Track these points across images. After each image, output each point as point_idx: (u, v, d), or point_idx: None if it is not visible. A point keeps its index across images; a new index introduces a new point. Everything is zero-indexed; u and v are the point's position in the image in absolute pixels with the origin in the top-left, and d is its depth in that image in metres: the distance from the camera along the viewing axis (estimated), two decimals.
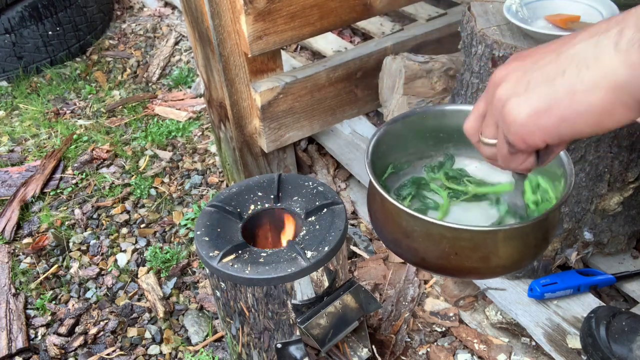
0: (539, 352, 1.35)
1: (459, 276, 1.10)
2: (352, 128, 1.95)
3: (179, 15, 3.18)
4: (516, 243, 0.66)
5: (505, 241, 0.65)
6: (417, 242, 0.67)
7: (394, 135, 0.79)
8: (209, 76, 1.70)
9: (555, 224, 0.71)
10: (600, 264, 1.45)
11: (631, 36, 0.42)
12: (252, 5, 1.45)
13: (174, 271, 1.70)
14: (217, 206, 1.13)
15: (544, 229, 0.68)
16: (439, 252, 0.66)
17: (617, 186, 1.26)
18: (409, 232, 0.67)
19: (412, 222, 0.66)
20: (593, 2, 1.21)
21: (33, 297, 1.68)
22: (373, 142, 0.75)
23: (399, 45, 1.79)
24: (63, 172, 2.14)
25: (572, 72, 0.45)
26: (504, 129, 0.51)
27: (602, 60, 0.44)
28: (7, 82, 2.73)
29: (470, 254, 0.65)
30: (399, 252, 0.72)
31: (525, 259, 0.68)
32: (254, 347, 1.16)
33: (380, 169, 0.81)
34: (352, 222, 1.79)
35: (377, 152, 0.76)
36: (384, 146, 0.78)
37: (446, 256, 0.65)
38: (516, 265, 0.69)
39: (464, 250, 0.65)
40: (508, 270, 0.69)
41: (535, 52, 0.51)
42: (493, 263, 0.66)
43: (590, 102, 0.45)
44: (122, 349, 1.52)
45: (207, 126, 2.32)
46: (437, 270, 0.71)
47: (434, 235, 0.65)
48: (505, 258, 0.66)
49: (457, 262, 0.66)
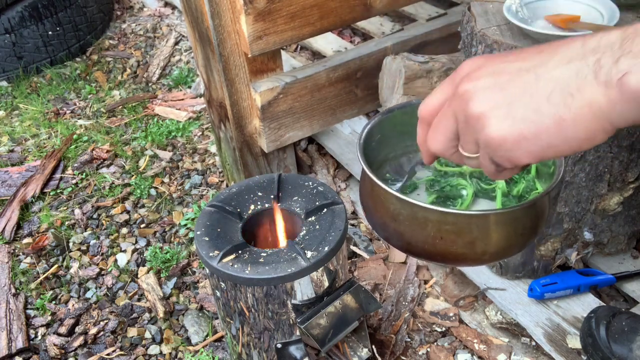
0: (539, 352, 1.35)
1: (445, 262, 1.10)
2: (352, 128, 1.95)
3: (179, 15, 3.18)
4: (502, 229, 0.66)
5: (491, 226, 0.65)
6: (403, 225, 0.67)
7: (389, 125, 0.79)
8: (209, 76, 1.70)
9: (544, 212, 0.70)
10: (600, 264, 1.45)
11: (608, 69, 0.44)
12: (252, 5, 1.45)
13: (174, 271, 1.70)
14: (217, 206, 1.13)
15: (532, 215, 0.68)
16: (424, 236, 0.66)
17: (617, 186, 1.26)
18: (395, 216, 0.67)
19: (398, 205, 0.66)
20: (593, 2, 1.21)
21: (33, 297, 1.68)
22: (367, 129, 0.75)
23: (399, 45, 1.79)
24: (63, 172, 2.14)
25: (557, 100, 0.46)
26: (489, 152, 0.51)
27: (584, 92, 0.45)
28: (7, 82, 2.73)
29: (455, 239, 0.64)
30: (386, 236, 0.72)
31: (512, 247, 0.68)
32: (254, 347, 1.16)
33: (375, 157, 0.81)
34: (352, 222, 1.79)
35: (371, 141, 0.76)
36: (378, 135, 0.78)
37: (432, 241, 0.65)
38: (503, 253, 0.68)
39: (449, 235, 0.64)
40: (495, 258, 0.69)
41: (508, 66, 0.49)
42: (479, 249, 0.65)
43: (577, 130, 0.46)
44: (122, 349, 1.52)
45: (207, 126, 2.32)
46: (424, 256, 0.71)
47: (419, 218, 0.65)
48: (491, 244, 0.66)
49: (442, 247, 0.65)
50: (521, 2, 1.23)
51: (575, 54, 0.46)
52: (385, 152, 0.83)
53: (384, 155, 0.83)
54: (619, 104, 0.44)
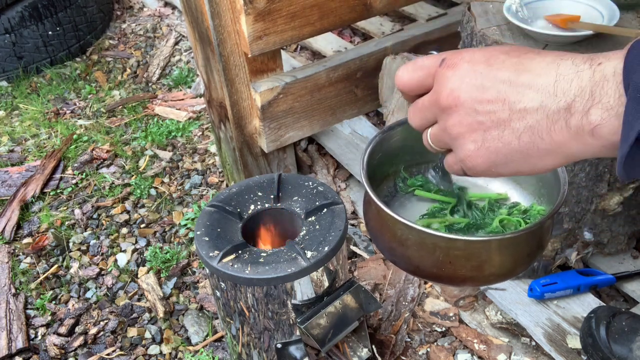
0: (539, 352, 1.35)
1: (453, 284, 1.11)
2: (352, 128, 1.95)
3: (179, 15, 3.18)
4: (510, 252, 0.67)
5: (498, 250, 0.66)
6: (411, 250, 0.68)
7: (390, 143, 0.79)
8: (209, 76, 1.70)
9: (549, 231, 0.71)
10: (600, 264, 1.45)
11: (579, 120, 0.45)
12: (252, 5, 1.45)
13: (174, 271, 1.70)
14: (217, 206, 1.13)
15: (538, 237, 0.69)
16: (433, 260, 0.66)
17: (617, 186, 1.26)
18: (403, 241, 0.68)
19: (406, 232, 0.67)
20: (593, 2, 1.21)
21: (33, 297, 1.68)
22: (368, 151, 0.75)
23: (399, 45, 1.79)
24: (63, 172, 2.14)
25: (527, 140, 0.49)
26: (462, 165, 0.54)
27: (555, 135, 0.47)
28: (7, 82, 2.73)
29: (464, 263, 0.65)
30: (394, 260, 0.73)
31: (519, 267, 0.69)
32: (254, 347, 1.16)
33: (379, 175, 0.82)
34: (352, 222, 1.79)
35: (373, 161, 0.77)
36: (379, 154, 0.78)
37: (440, 265, 0.66)
38: (510, 273, 0.69)
39: (457, 259, 0.65)
40: (502, 278, 0.70)
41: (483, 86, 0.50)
42: (487, 271, 0.66)
43: (544, 163, 0.50)
44: (122, 349, 1.52)
45: (207, 126, 2.32)
46: (432, 279, 0.72)
47: (428, 244, 0.65)
48: (498, 266, 0.67)
49: (451, 270, 0.66)
50: (521, 2, 1.23)
51: (547, 92, 0.47)
52: (386, 168, 0.83)
53: (385, 171, 0.83)
54: (591, 148, 0.46)
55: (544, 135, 0.48)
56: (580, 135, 0.46)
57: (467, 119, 0.51)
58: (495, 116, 0.50)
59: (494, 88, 0.50)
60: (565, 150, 0.48)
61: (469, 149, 0.52)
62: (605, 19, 1.17)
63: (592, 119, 0.44)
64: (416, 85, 0.56)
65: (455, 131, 0.52)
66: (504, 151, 0.50)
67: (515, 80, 0.49)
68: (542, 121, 0.47)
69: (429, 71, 0.55)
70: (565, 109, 0.46)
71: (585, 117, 0.45)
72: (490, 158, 0.52)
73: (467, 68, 0.51)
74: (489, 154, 0.51)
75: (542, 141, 0.48)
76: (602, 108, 0.44)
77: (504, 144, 0.50)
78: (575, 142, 0.46)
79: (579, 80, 0.45)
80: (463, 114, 0.51)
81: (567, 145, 0.47)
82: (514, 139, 0.49)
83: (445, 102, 0.52)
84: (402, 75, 0.57)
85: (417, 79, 0.56)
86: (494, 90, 0.50)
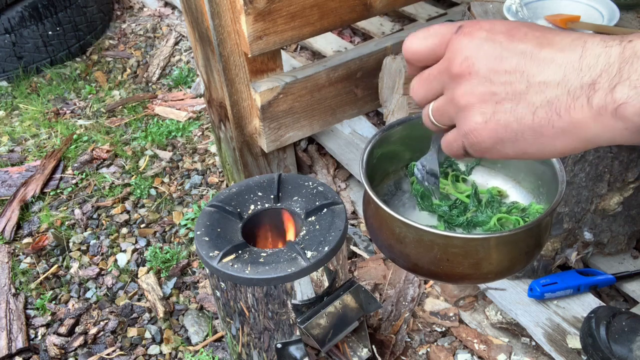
0: (539, 352, 1.35)
1: (451, 281, 1.12)
2: (352, 128, 1.95)
3: (179, 15, 3.18)
4: (508, 249, 0.67)
5: (496, 248, 0.66)
6: (409, 248, 0.68)
7: (390, 142, 0.80)
8: (209, 76, 1.70)
9: (547, 230, 0.71)
10: (600, 264, 1.45)
11: (603, 97, 0.42)
12: (252, 5, 1.45)
13: (174, 271, 1.70)
14: (217, 206, 1.13)
15: (536, 235, 0.69)
16: (430, 258, 0.67)
17: (617, 186, 1.26)
18: (401, 239, 0.68)
19: (404, 229, 0.67)
20: (593, 2, 1.21)
21: (33, 297, 1.68)
22: (368, 150, 0.76)
23: (398, 45, 1.79)
24: (63, 172, 2.14)
25: (542, 116, 0.45)
26: (464, 141, 0.50)
27: (573, 114, 0.44)
28: (7, 82, 2.73)
29: (462, 260, 0.66)
30: (392, 257, 0.74)
31: (517, 265, 0.69)
32: (254, 347, 1.16)
33: (378, 174, 0.82)
34: (352, 222, 1.79)
35: (373, 159, 0.77)
36: (379, 152, 0.78)
37: (438, 262, 0.66)
38: (508, 271, 0.69)
39: (455, 257, 0.65)
40: (500, 276, 0.70)
41: (501, 56, 0.47)
42: (485, 269, 0.67)
43: (554, 144, 0.46)
44: (122, 349, 1.52)
45: (207, 126, 2.32)
46: (429, 276, 0.72)
47: (426, 242, 0.66)
48: (496, 264, 0.67)
49: (448, 268, 0.66)
50: (521, 2, 1.23)
51: (571, 66, 0.44)
52: (386, 167, 0.83)
53: (384, 170, 0.83)
54: (611, 130, 0.43)
55: (562, 113, 0.44)
56: (601, 114, 0.42)
57: (479, 88, 0.47)
58: (511, 87, 0.46)
59: (513, 58, 0.46)
60: (581, 132, 0.44)
61: (476, 121, 0.48)
62: (605, 19, 1.17)
63: (617, 97, 0.41)
64: (426, 53, 0.52)
65: (464, 101, 0.48)
66: (514, 126, 0.46)
67: (537, 54, 0.45)
68: (562, 97, 0.44)
69: (443, 39, 0.50)
70: (589, 85, 0.43)
71: (610, 94, 0.42)
72: (498, 133, 0.47)
73: (485, 37, 0.48)
74: (497, 128, 0.47)
75: (559, 119, 0.44)
76: (629, 86, 0.41)
77: (516, 119, 0.46)
78: (594, 123, 0.43)
79: (607, 57, 0.42)
80: (475, 83, 0.47)
81: (585, 126, 0.44)
82: (527, 114, 0.46)
83: (457, 70, 0.48)
84: (411, 43, 0.53)
85: (428, 47, 0.51)
86: (512, 61, 0.46)
